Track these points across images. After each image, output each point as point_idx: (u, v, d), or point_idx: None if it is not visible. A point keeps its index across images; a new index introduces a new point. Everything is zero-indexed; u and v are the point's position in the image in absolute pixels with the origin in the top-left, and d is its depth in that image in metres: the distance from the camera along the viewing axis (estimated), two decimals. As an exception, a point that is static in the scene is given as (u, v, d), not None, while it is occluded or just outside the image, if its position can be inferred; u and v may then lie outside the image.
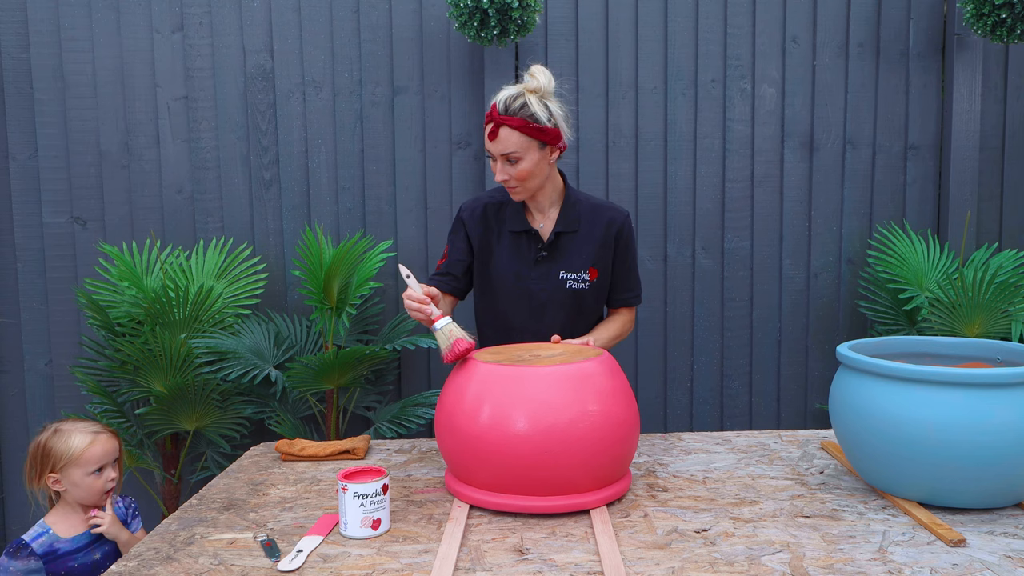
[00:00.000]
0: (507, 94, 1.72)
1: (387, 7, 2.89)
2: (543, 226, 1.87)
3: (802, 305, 3.06)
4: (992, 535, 1.28)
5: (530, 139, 1.71)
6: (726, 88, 2.98)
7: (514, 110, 1.70)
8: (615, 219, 1.87)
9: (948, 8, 2.97)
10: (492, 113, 1.72)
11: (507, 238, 1.87)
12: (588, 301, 1.88)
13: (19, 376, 2.91)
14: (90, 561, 1.65)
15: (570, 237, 1.85)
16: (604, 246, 1.86)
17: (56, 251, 2.88)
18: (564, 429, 1.35)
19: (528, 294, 1.85)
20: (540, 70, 1.72)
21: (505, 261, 1.86)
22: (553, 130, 1.73)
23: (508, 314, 1.88)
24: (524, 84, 1.73)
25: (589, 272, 1.85)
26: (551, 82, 1.73)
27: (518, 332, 1.87)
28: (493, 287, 1.89)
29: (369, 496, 1.31)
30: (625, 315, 1.96)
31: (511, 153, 1.71)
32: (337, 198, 2.94)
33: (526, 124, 1.69)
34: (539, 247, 1.84)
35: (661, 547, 1.26)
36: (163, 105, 2.88)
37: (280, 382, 2.68)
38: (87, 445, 1.65)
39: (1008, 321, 2.59)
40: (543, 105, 1.71)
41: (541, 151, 1.74)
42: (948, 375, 1.30)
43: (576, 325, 1.88)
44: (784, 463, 1.66)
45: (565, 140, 1.77)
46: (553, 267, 1.85)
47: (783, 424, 3.08)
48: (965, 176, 2.96)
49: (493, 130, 1.72)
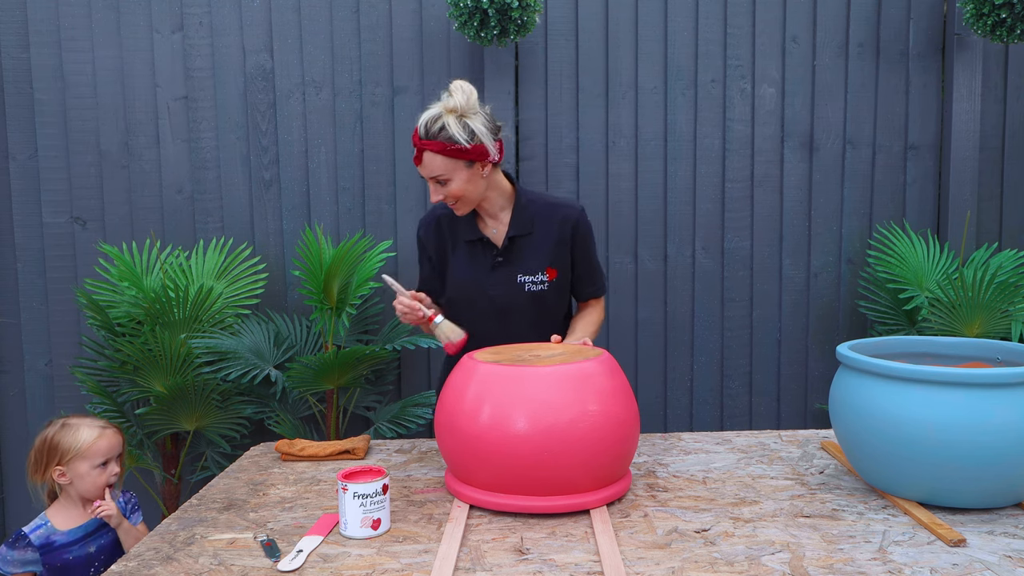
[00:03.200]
0: (427, 116, 1.67)
1: (387, 7, 2.89)
2: (496, 231, 1.84)
3: (802, 305, 3.06)
4: (992, 535, 1.28)
5: (454, 160, 1.67)
6: (726, 88, 2.98)
7: (433, 133, 1.66)
8: (569, 216, 1.85)
9: (948, 8, 2.97)
10: (415, 136, 1.69)
11: (462, 247, 1.85)
12: (550, 301, 1.86)
13: (19, 376, 2.91)
14: (85, 554, 1.68)
15: (525, 240, 1.83)
16: (561, 244, 1.84)
17: (56, 251, 2.88)
18: (564, 429, 1.35)
19: (488, 300, 1.83)
20: (459, 87, 1.67)
21: (462, 270, 1.85)
22: (476, 148, 1.67)
23: (471, 322, 1.85)
24: (443, 103, 1.67)
25: (547, 272, 1.83)
26: (471, 98, 1.67)
27: (483, 339, 1.84)
28: (454, 296, 1.87)
29: (369, 496, 1.31)
30: (596, 306, 1.96)
31: (439, 175, 1.69)
32: (337, 198, 2.94)
33: (446, 147, 1.65)
34: (494, 253, 1.82)
35: (661, 547, 1.26)
36: (163, 105, 2.88)
37: (280, 382, 2.68)
38: (95, 439, 1.70)
39: (1008, 321, 2.59)
40: (462, 125, 1.66)
41: (469, 169, 1.70)
42: (948, 375, 1.30)
43: (542, 326, 1.87)
44: (784, 463, 1.66)
45: (493, 155, 1.71)
46: (511, 272, 1.82)
47: (783, 424, 3.08)
48: (965, 176, 2.96)
49: (417, 154, 1.69)
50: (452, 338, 1.73)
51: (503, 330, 1.85)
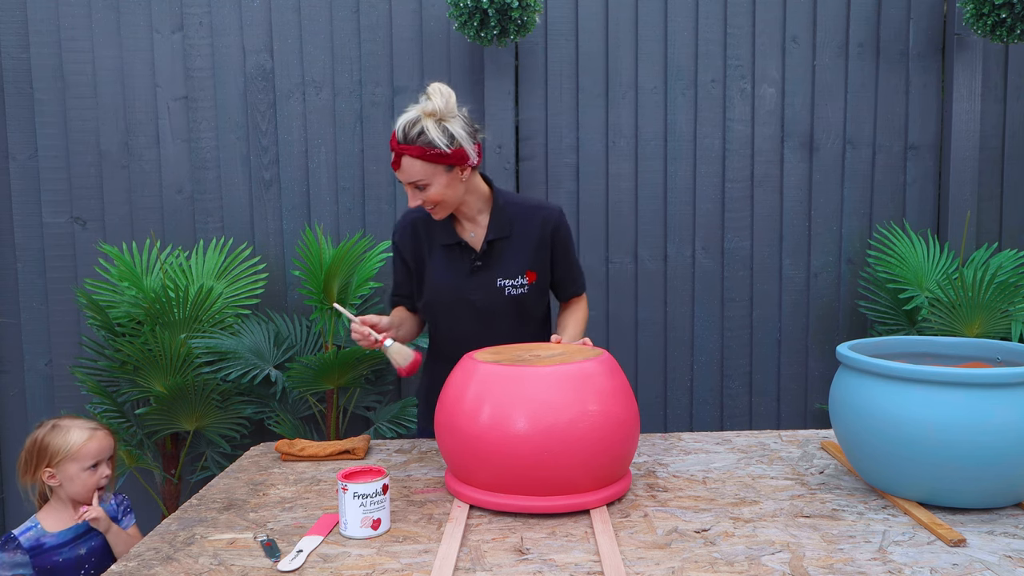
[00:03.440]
0: (405, 120, 1.64)
1: (387, 7, 2.89)
2: (474, 235, 1.82)
3: (802, 305, 3.06)
4: (992, 535, 1.28)
5: (434, 165, 1.64)
6: (726, 88, 2.98)
7: (412, 138, 1.62)
8: (549, 218, 1.83)
9: (948, 8, 2.97)
10: (392, 141, 1.66)
11: (439, 251, 1.82)
12: (530, 304, 1.85)
13: (19, 376, 2.91)
14: (75, 556, 1.67)
15: (504, 243, 1.80)
16: (540, 247, 1.83)
17: (56, 251, 2.88)
18: (564, 429, 1.35)
19: (468, 305, 1.81)
20: (437, 90, 1.64)
21: (440, 274, 1.82)
22: (456, 152, 1.65)
23: (452, 327, 1.84)
24: (422, 107, 1.64)
25: (527, 275, 1.82)
26: (450, 101, 1.64)
27: (465, 343, 1.82)
28: (432, 301, 1.84)
29: (369, 496, 1.31)
30: (580, 303, 1.95)
31: (418, 180, 1.65)
32: (337, 198, 2.94)
33: (425, 152, 1.62)
34: (473, 257, 1.80)
35: (661, 547, 1.26)
36: (163, 105, 2.88)
37: (280, 382, 2.68)
38: (84, 441, 1.68)
39: (1008, 321, 2.59)
40: (442, 129, 1.63)
41: (449, 173, 1.67)
42: (948, 375, 1.30)
43: (522, 329, 1.86)
44: (784, 463, 1.66)
45: (472, 158, 1.69)
46: (490, 276, 1.80)
47: (783, 424, 3.08)
48: (965, 176, 2.96)
49: (395, 159, 1.65)
50: (399, 361, 1.69)
51: (483, 333, 1.83)
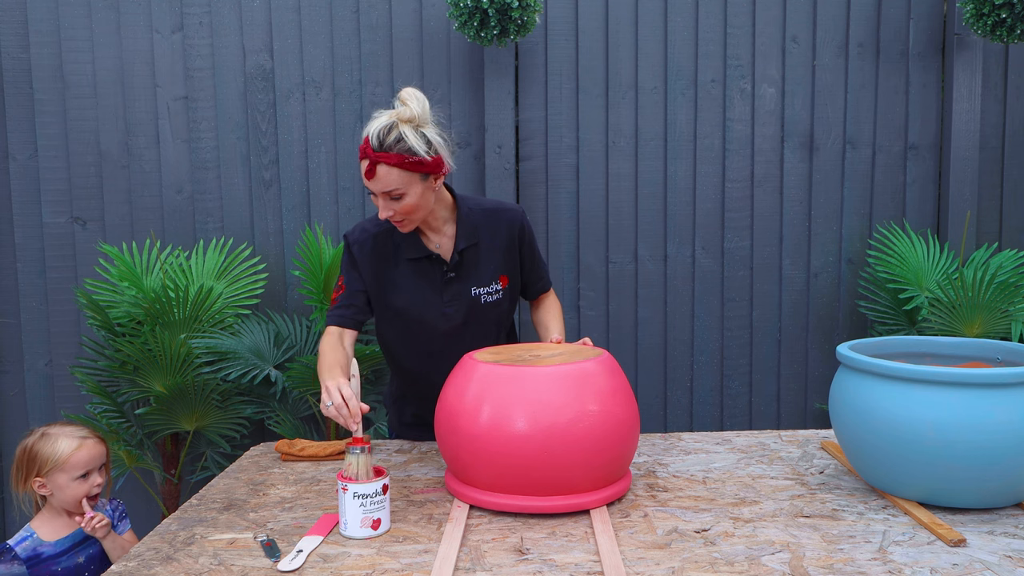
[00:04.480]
0: (379, 126, 1.56)
1: (387, 7, 2.89)
2: (440, 245, 1.75)
3: (802, 305, 3.06)
4: (992, 535, 1.28)
5: (411, 173, 1.57)
6: (726, 88, 2.98)
7: (389, 145, 1.54)
8: (514, 220, 1.80)
9: (948, 8, 2.97)
10: (366, 148, 1.57)
11: (406, 266, 1.74)
12: (504, 308, 1.83)
13: (19, 376, 2.91)
14: (73, 564, 1.63)
15: (473, 250, 1.76)
16: (510, 250, 1.80)
17: (56, 251, 2.88)
18: (564, 429, 1.35)
19: (443, 318, 1.76)
20: (412, 95, 1.57)
21: (410, 291, 1.75)
22: (434, 160, 1.59)
23: (424, 343, 1.79)
24: (396, 113, 1.57)
25: (500, 280, 1.79)
26: (426, 107, 1.58)
27: (438, 358, 1.78)
28: (401, 320, 1.77)
29: (369, 496, 1.31)
30: (552, 297, 1.94)
31: (393, 190, 1.57)
32: (337, 198, 2.94)
33: (404, 160, 1.55)
34: (445, 269, 1.74)
35: (661, 547, 1.26)
36: (163, 105, 2.88)
37: (280, 382, 2.68)
38: (73, 450, 1.63)
39: (1008, 321, 2.59)
40: (420, 135, 1.57)
41: (424, 182, 1.60)
42: (948, 375, 1.30)
43: (497, 334, 1.84)
44: (784, 463, 1.66)
45: (449, 166, 1.65)
46: (464, 286, 1.76)
47: (783, 424, 3.08)
48: (965, 176, 2.96)
49: (370, 168, 1.56)
50: (361, 475, 1.35)
51: (457, 344, 1.79)
